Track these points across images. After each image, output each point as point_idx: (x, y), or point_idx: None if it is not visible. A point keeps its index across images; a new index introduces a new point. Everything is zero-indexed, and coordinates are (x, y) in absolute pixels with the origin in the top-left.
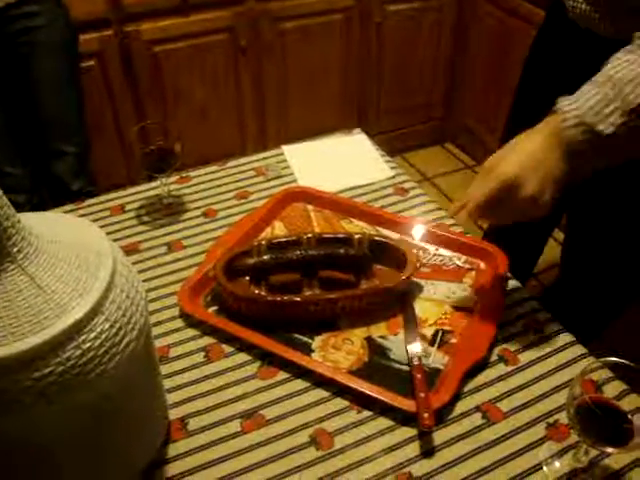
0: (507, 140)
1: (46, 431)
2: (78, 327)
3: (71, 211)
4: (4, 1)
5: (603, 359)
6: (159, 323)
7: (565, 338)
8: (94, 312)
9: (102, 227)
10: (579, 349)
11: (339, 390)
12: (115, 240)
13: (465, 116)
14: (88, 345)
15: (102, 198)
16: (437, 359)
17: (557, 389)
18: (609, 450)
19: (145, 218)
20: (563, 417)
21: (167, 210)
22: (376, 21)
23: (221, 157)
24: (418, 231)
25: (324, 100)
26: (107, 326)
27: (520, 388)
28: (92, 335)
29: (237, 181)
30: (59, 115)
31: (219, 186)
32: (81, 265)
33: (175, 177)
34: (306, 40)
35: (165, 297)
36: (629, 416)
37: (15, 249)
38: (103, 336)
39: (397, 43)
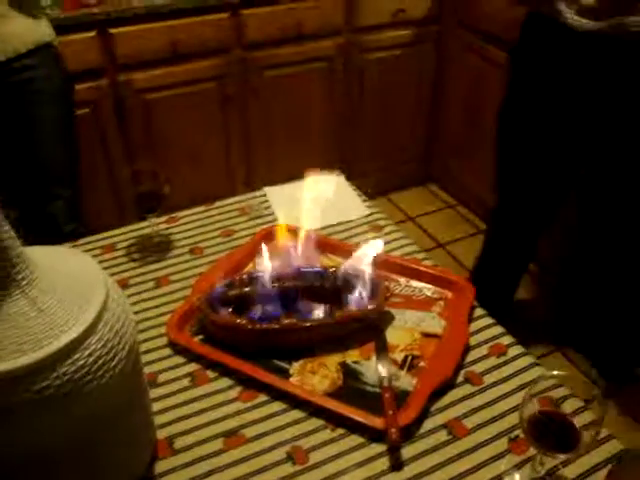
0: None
1: (42, 440)
2: (74, 345)
3: None
4: (5, 55)
5: (547, 373)
6: (148, 351)
7: (527, 359)
8: (88, 332)
9: None
10: (540, 370)
11: (314, 411)
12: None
13: (446, 157)
14: (82, 362)
15: (94, 237)
16: (406, 381)
17: (519, 407)
18: (560, 456)
19: (135, 255)
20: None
21: (156, 248)
22: (357, 68)
23: (211, 199)
24: (391, 265)
25: (309, 144)
26: (100, 345)
27: (484, 406)
28: (86, 353)
29: (222, 220)
30: (55, 160)
31: (205, 225)
32: (77, 291)
33: (164, 218)
34: (290, 87)
35: (153, 328)
36: (575, 425)
37: (19, 276)
38: (96, 354)
39: (378, 88)
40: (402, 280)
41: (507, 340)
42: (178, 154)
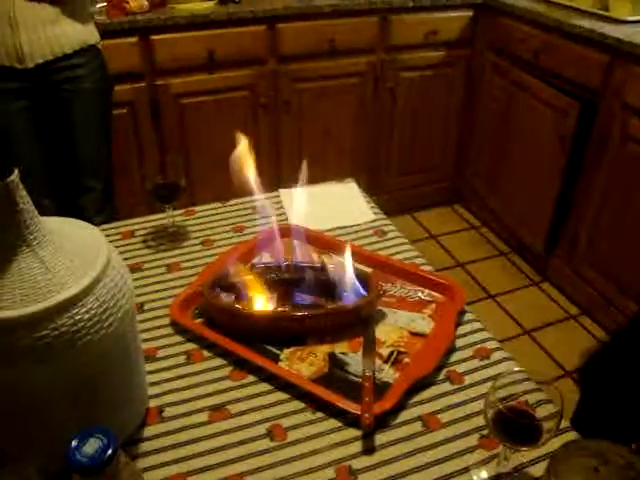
0: None
1: (35, 387)
2: (72, 301)
3: None
4: (53, 54)
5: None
6: (152, 328)
7: (509, 364)
8: (86, 292)
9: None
10: (520, 375)
11: (298, 394)
12: (123, 259)
13: (473, 179)
14: (79, 317)
15: (115, 224)
16: (388, 374)
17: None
18: (523, 449)
19: (150, 243)
20: None
21: (170, 237)
22: (389, 86)
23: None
24: (388, 266)
25: (337, 158)
26: (96, 305)
27: (461, 404)
28: (83, 310)
29: (235, 217)
30: (91, 154)
31: (218, 220)
32: (82, 256)
33: (182, 210)
34: (322, 100)
35: (160, 308)
36: (536, 416)
37: (31, 237)
38: (92, 312)
39: (409, 107)
40: (398, 282)
41: (493, 345)
42: (207, 158)
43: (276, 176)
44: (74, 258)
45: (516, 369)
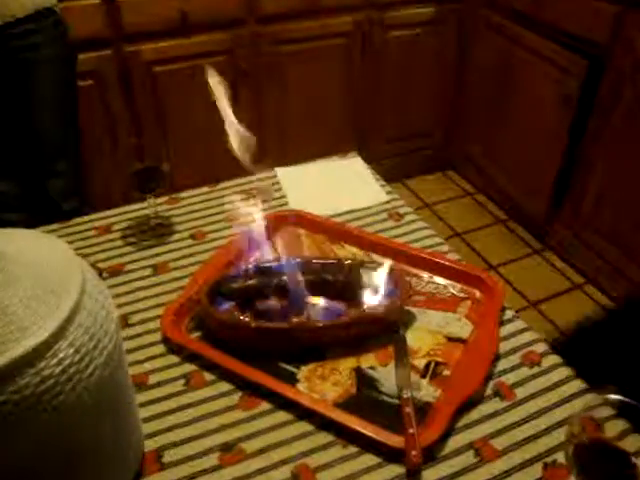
0: None
1: (2, 461)
2: (38, 352)
3: (56, 230)
4: (2, 20)
5: (605, 396)
6: (140, 348)
7: (564, 372)
8: (56, 336)
9: (87, 247)
10: (579, 383)
11: (324, 423)
12: (99, 261)
13: (467, 144)
14: (49, 372)
15: (89, 218)
16: (428, 392)
17: (556, 426)
18: None
19: (131, 239)
20: (561, 457)
21: (154, 231)
22: (377, 46)
23: (218, 179)
24: (412, 258)
25: (324, 124)
26: (71, 351)
27: (516, 425)
28: (54, 361)
29: (226, 203)
30: (54, 133)
31: (209, 208)
32: (46, 285)
33: (164, 198)
34: (306, 64)
35: (148, 321)
36: (632, 459)
37: None
38: (66, 362)
39: (397, 68)
40: (424, 276)
41: (541, 348)
42: (187, 130)
43: (259, 148)
44: (35, 289)
45: (615, 397)
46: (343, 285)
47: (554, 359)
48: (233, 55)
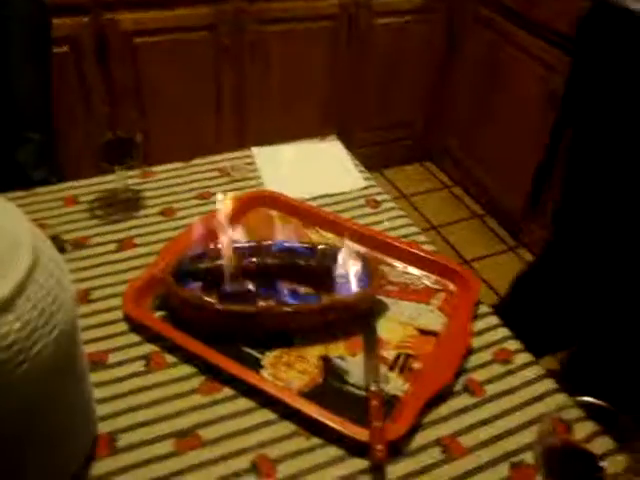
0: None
1: None
2: None
3: (21, 198)
4: None
5: (576, 398)
6: (100, 325)
7: (536, 370)
8: (1, 310)
9: (52, 217)
10: (550, 383)
11: (287, 413)
12: (64, 232)
13: (447, 136)
14: None
15: (55, 187)
16: (397, 385)
17: (525, 426)
18: None
19: (98, 212)
20: (529, 457)
21: (123, 205)
22: (363, 32)
23: (193, 156)
24: (387, 246)
25: (305, 106)
26: (17, 326)
27: (485, 422)
28: None
29: (200, 180)
30: (25, 98)
31: (181, 184)
32: None
33: (137, 172)
34: (290, 44)
35: (110, 298)
36: (600, 461)
37: None
38: (11, 338)
39: (382, 56)
40: (399, 265)
41: (513, 345)
42: (165, 105)
43: (239, 127)
44: None
45: (585, 398)
46: (314, 270)
47: (526, 357)
48: (216, 31)
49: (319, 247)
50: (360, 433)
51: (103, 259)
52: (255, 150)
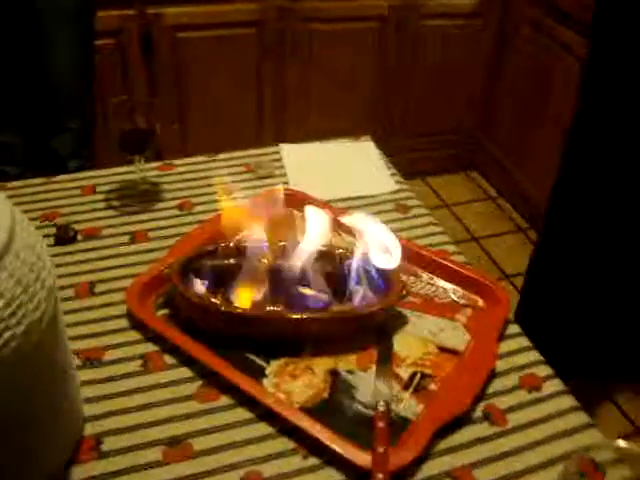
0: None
1: None
2: None
3: (40, 185)
4: None
5: (610, 440)
6: (100, 320)
7: (567, 401)
8: None
9: (68, 206)
10: (583, 417)
11: (286, 428)
12: (78, 222)
13: (494, 146)
14: None
15: (75, 176)
16: (409, 407)
17: (549, 464)
18: None
19: (115, 202)
20: None
21: (140, 197)
22: (411, 34)
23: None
24: (413, 254)
25: (347, 109)
26: None
27: (504, 456)
28: None
29: (223, 175)
30: (66, 88)
31: (203, 179)
32: None
33: (158, 163)
34: (334, 44)
35: (114, 292)
36: None
37: None
38: None
39: (431, 60)
40: (424, 276)
41: (544, 371)
42: (204, 101)
43: (279, 128)
44: None
45: (620, 442)
46: (330, 276)
47: (557, 385)
48: (260, 28)
49: (337, 251)
50: (362, 458)
51: (113, 251)
52: (283, 147)
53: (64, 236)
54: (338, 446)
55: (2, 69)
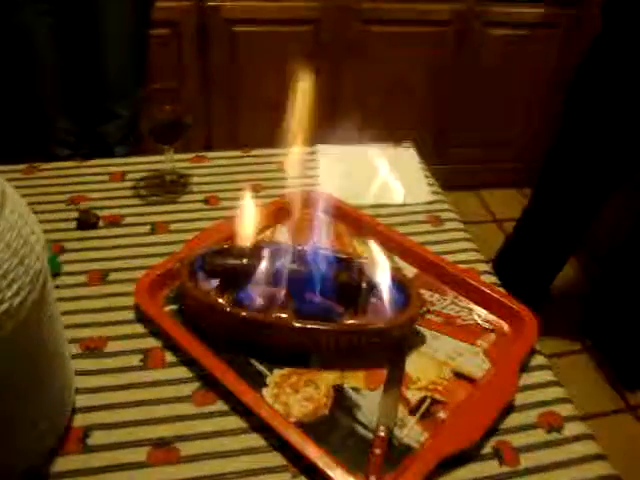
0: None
1: None
2: None
3: (70, 168)
4: None
5: None
6: (108, 310)
7: (589, 447)
8: None
9: (95, 192)
10: (604, 467)
11: (279, 443)
12: (102, 208)
13: None
14: None
15: (105, 161)
16: (413, 434)
17: None
18: None
19: (142, 191)
20: None
21: (167, 188)
22: (473, 42)
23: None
24: (440, 270)
25: (401, 115)
26: None
27: None
28: None
29: (255, 172)
30: (119, 75)
31: (233, 174)
32: None
33: (189, 155)
34: (392, 47)
35: (127, 282)
36: None
37: None
38: None
39: (492, 70)
40: (449, 294)
41: (566, 410)
42: (256, 97)
43: (331, 129)
44: None
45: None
46: (344, 286)
47: (579, 428)
48: (318, 26)
49: (356, 260)
50: None
51: (132, 240)
52: (320, 147)
53: (86, 221)
54: (329, 469)
55: (59, 58)
